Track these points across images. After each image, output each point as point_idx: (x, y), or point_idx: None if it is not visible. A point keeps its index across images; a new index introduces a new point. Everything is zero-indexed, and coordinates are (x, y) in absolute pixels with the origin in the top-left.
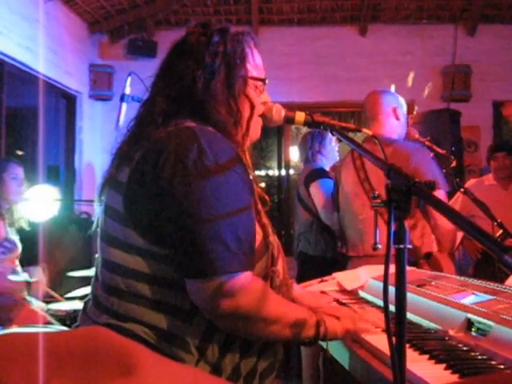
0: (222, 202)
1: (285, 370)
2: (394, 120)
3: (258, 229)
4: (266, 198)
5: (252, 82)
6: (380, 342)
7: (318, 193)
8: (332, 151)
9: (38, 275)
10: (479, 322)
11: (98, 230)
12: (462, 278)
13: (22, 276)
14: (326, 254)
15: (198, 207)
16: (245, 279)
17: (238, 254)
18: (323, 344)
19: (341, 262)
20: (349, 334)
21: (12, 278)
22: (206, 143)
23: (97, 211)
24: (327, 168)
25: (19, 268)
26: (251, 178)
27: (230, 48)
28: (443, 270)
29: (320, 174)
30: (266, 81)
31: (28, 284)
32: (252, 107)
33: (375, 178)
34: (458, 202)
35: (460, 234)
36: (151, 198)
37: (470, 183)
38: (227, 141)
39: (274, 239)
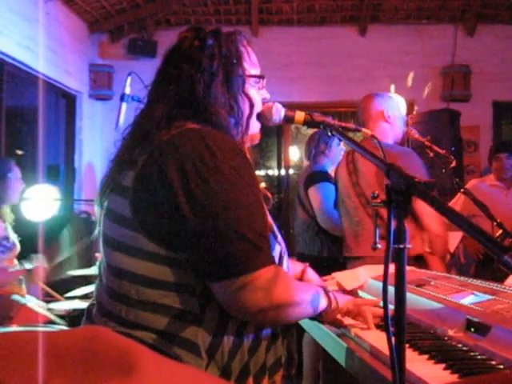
0: (238, 200)
1: (286, 368)
2: (384, 124)
3: None
4: (269, 195)
5: (250, 80)
6: (379, 341)
7: (315, 196)
8: (338, 153)
9: (39, 261)
10: (478, 322)
11: (101, 235)
12: (462, 278)
13: (21, 265)
14: (322, 253)
15: (216, 208)
16: (272, 271)
17: (263, 249)
18: (326, 345)
19: (337, 262)
20: (358, 305)
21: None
22: (213, 143)
23: (97, 216)
24: (330, 170)
25: (17, 267)
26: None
27: (225, 49)
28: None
29: (320, 177)
30: (264, 77)
31: (28, 271)
32: (251, 105)
33: (364, 182)
34: (459, 202)
35: (459, 234)
36: (162, 201)
37: (472, 183)
38: (232, 139)
39: (279, 238)
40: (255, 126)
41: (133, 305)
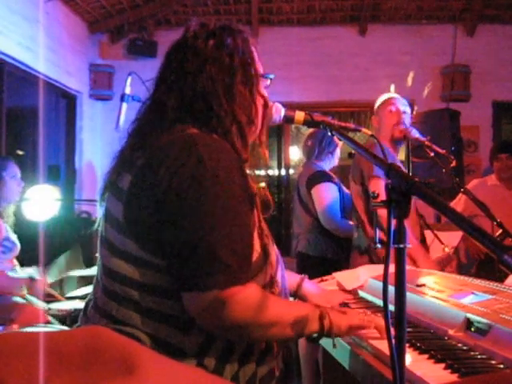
0: (217, 214)
1: (285, 370)
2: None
3: (256, 240)
4: (270, 200)
5: (261, 80)
6: (380, 341)
7: (319, 197)
8: (338, 155)
9: (39, 275)
10: (478, 322)
11: (99, 234)
12: (462, 278)
13: (26, 272)
14: (325, 254)
15: (191, 219)
16: (238, 291)
17: (232, 267)
18: (327, 345)
19: (341, 263)
20: (353, 329)
21: (14, 274)
22: (205, 152)
23: (99, 214)
24: (328, 169)
25: (18, 267)
26: (252, 187)
27: (242, 48)
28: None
29: (323, 177)
30: (272, 76)
31: (31, 280)
32: (266, 105)
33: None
34: (461, 202)
35: (459, 234)
36: (149, 207)
37: (473, 183)
38: (229, 149)
39: (273, 249)
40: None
41: (123, 305)
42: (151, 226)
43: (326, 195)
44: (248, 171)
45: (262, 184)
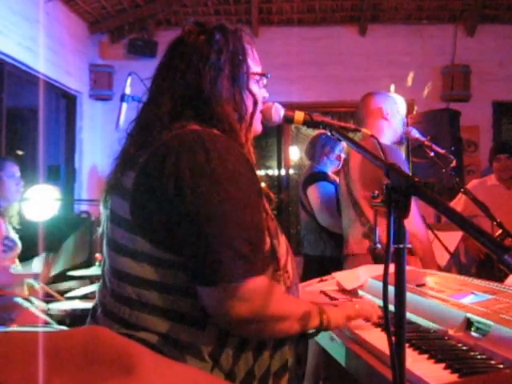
0: (230, 206)
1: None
2: (381, 121)
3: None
4: (271, 195)
5: (253, 77)
6: (379, 341)
7: (314, 195)
8: (339, 157)
9: (42, 263)
10: (478, 322)
11: (105, 236)
12: (462, 278)
13: (28, 269)
14: (325, 253)
15: (206, 212)
16: (256, 283)
17: (249, 258)
18: (326, 345)
19: (340, 262)
20: (351, 319)
21: (15, 271)
22: (211, 146)
23: (102, 217)
24: (330, 171)
25: (19, 267)
26: (259, 179)
27: (233, 45)
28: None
29: (319, 176)
30: (268, 75)
31: (35, 276)
32: (255, 102)
33: (350, 180)
34: (460, 202)
35: (459, 234)
36: (159, 203)
37: (473, 184)
38: (233, 143)
39: (282, 239)
40: (258, 122)
41: (135, 307)
42: (160, 221)
43: (320, 194)
44: None
45: (262, 184)
